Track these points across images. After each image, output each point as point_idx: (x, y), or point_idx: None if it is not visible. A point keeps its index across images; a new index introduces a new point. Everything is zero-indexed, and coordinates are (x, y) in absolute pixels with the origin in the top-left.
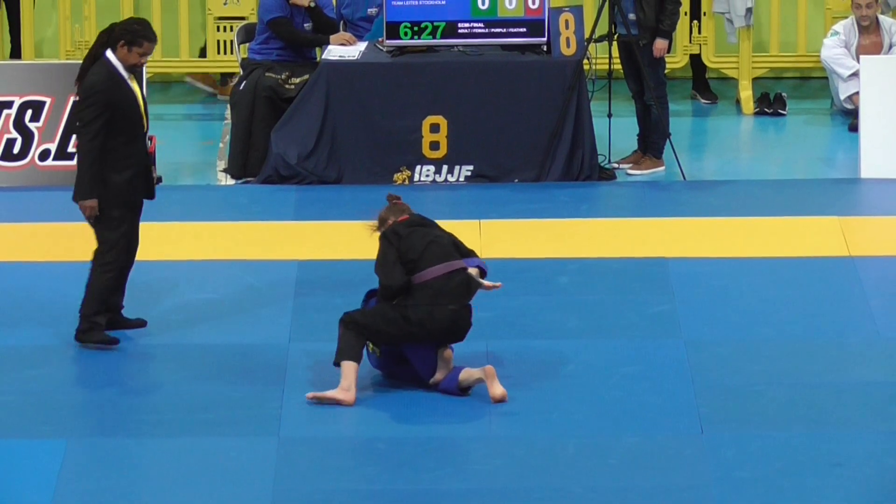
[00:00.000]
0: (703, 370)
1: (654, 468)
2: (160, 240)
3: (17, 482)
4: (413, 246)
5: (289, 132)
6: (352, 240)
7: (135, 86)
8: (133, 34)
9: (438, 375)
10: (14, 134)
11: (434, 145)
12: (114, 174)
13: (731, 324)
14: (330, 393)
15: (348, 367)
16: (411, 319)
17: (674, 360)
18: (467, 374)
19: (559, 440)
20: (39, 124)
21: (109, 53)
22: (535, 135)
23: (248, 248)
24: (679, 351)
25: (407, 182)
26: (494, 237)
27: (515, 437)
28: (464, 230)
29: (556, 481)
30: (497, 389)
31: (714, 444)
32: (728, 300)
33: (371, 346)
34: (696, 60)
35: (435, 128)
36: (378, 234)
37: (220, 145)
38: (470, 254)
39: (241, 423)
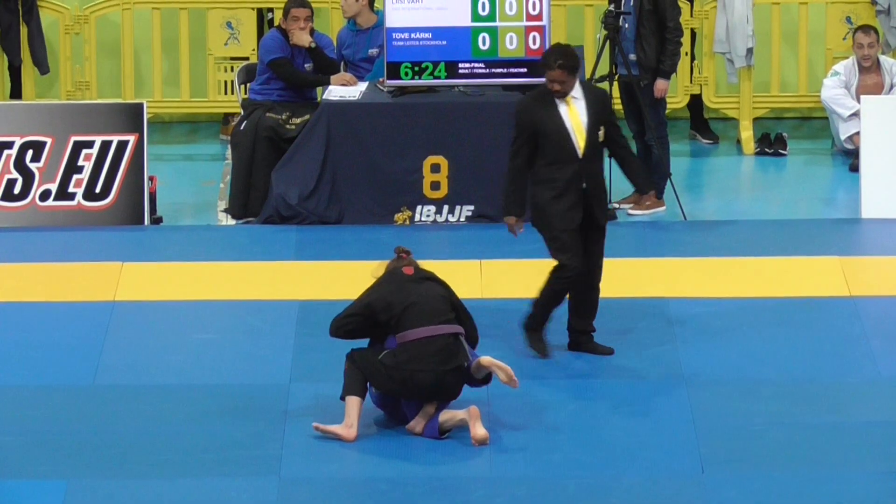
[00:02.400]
0: (704, 410)
1: None
2: (159, 280)
3: None
4: (399, 300)
5: (289, 172)
6: (353, 280)
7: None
8: None
9: (414, 424)
10: (15, 174)
11: (435, 185)
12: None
13: (731, 364)
14: (333, 428)
15: (352, 403)
16: (395, 378)
17: (675, 400)
18: (449, 415)
19: (560, 480)
20: (40, 164)
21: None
22: None
23: (249, 288)
24: (680, 391)
25: (408, 222)
26: (495, 277)
27: (516, 477)
28: (464, 270)
29: None
30: (479, 431)
31: (715, 484)
32: (729, 340)
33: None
34: (694, 100)
35: (436, 168)
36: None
37: (221, 185)
38: (465, 325)
39: (242, 463)
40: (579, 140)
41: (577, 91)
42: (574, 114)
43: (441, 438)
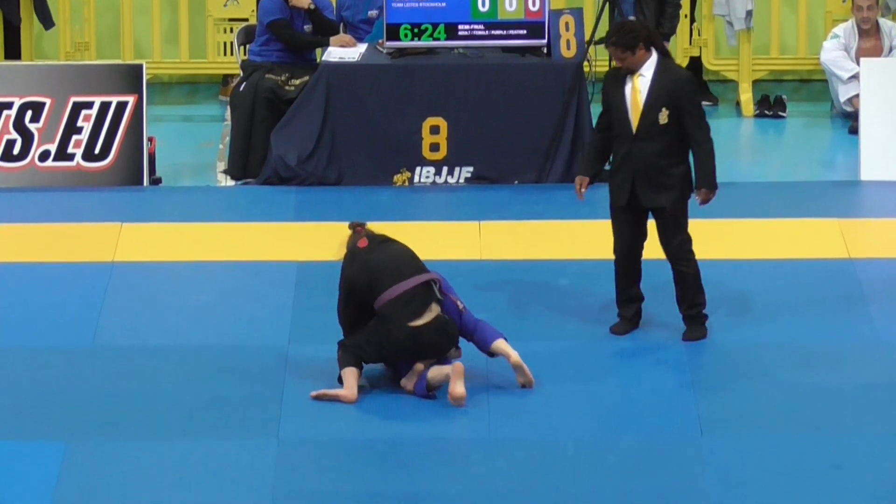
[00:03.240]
0: (703, 372)
1: (654, 470)
2: (159, 241)
3: (15, 484)
4: (365, 276)
5: (289, 134)
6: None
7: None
8: None
9: (406, 381)
10: (14, 135)
11: (434, 147)
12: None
13: (730, 326)
14: (333, 391)
15: (349, 372)
16: (377, 344)
17: (673, 362)
18: (436, 371)
19: (558, 442)
20: (39, 125)
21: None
22: (536, 137)
23: (248, 249)
24: (678, 353)
25: (407, 184)
26: (494, 239)
27: (514, 438)
28: (464, 232)
29: (555, 483)
30: (457, 389)
31: (713, 446)
32: (727, 302)
33: None
34: (693, 62)
35: (435, 129)
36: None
37: (220, 147)
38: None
39: (240, 424)
40: (634, 118)
41: (648, 69)
42: (636, 91)
43: (429, 396)
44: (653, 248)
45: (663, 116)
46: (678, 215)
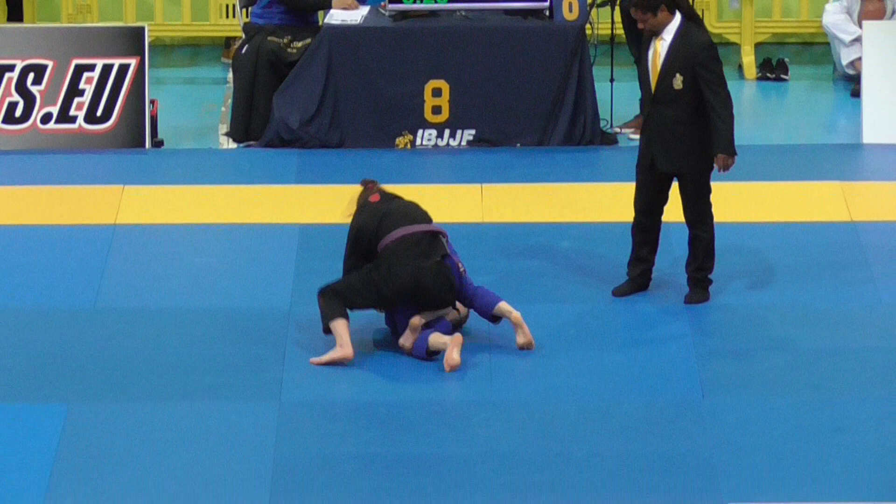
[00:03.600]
0: (705, 335)
1: (655, 433)
2: (160, 203)
3: (18, 446)
4: (373, 218)
5: (291, 96)
6: (353, 204)
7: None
8: None
9: (404, 339)
10: (16, 97)
11: (436, 110)
12: None
13: (732, 288)
14: (328, 355)
15: (339, 325)
16: (374, 282)
17: (675, 325)
18: (437, 338)
19: (560, 405)
20: (41, 87)
21: None
22: (538, 100)
23: (250, 211)
24: (681, 316)
25: (409, 146)
26: (496, 202)
27: (516, 401)
28: (465, 194)
29: (556, 446)
30: (454, 357)
31: (715, 409)
32: (729, 264)
33: None
34: None
35: (437, 92)
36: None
37: (223, 109)
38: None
39: (242, 387)
40: (653, 81)
41: (669, 32)
42: (656, 54)
43: (427, 358)
44: (673, 212)
45: (678, 82)
46: (697, 181)
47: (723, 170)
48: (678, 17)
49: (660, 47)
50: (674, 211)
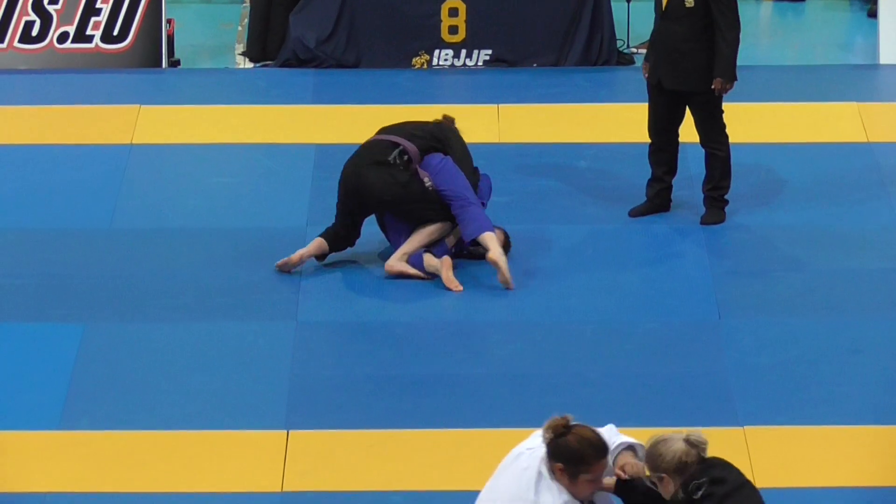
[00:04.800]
0: (721, 256)
1: (672, 354)
2: (177, 123)
3: (34, 366)
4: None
5: (307, 16)
6: (370, 124)
7: None
8: None
9: (393, 262)
10: (32, 16)
11: (452, 29)
12: None
13: (748, 209)
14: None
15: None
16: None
17: (692, 246)
18: (429, 259)
19: (577, 325)
20: (58, 7)
21: None
22: (554, 19)
23: (267, 131)
24: (697, 236)
25: (425, 66)
26: (512, 122)
27: (533, 322)
28: (482, 114)
29: (573, 366)
30: (450, 282)
31: (731, 330)
32: (746, 185)
33: None
34: None
35: (453, 12)
36: None
37: (239, 28)
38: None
39: (259, 306)
40: None
41: None
42: None
43: (424, 275)
44: (688, 132)
45: (689, 1)
46: (707, 100)
47: (719, 93)
48: None
49: None
50: (689, 131)
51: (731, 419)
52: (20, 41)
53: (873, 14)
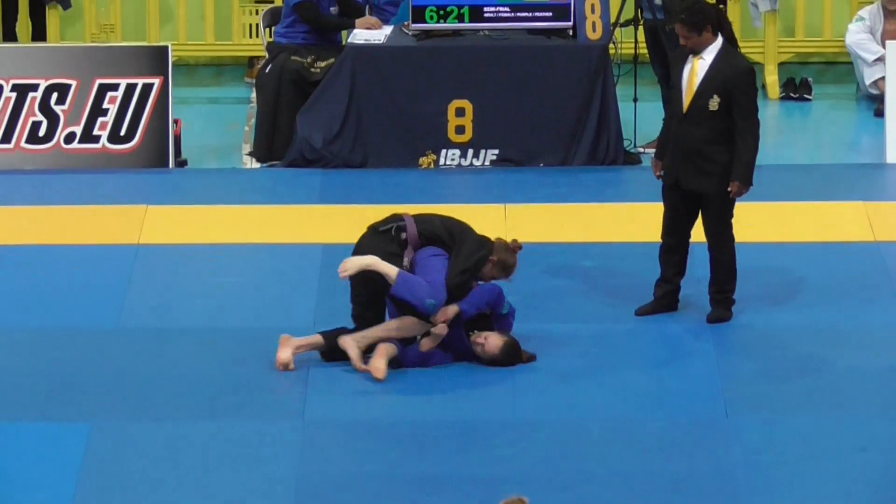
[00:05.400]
0: (729, 354)
1: (680, 452)
2: (184, 223)
3: (40, 465)
4: None
5: (314, 116)
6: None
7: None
8: None
9: (345, 338)
10: (40, 117)
11: (459, 129)
12: None
13: (755, 308)
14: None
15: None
16: None
17: (699, 345)
18: (378, 352)
19: (584, 424)
20: (65, 107)
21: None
22: (561, 119)
23: (273, 231)
24: (704, 335)
25: (432, 166)
26: (519, 221)
27: (540, 421)
28: (489, 214)
29: (580, 466)
30: (374, 364)
31: (739, 428)
32: (753, 285)
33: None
34: None
35: (460, 112)
36: None
37: (246, 128)
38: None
39: (265, 406)
40: (687, 99)
41: (710, 53)
42: (693, 73)
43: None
44: (697, 231)
45: (714, 103)
46: (721, 203)
47: (734, 196)
48: (719, 38)
49: (698, 66)
50: (696, 231)
51: None
52: (27, 141)
53: (880, 113)
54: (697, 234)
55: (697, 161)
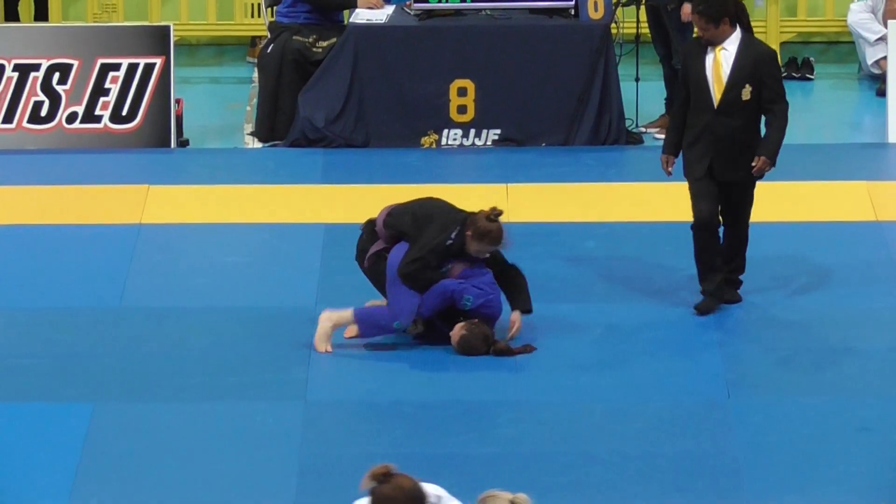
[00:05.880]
0: (730, 335)
1: (681, 433)
2: (186, 203)
3: (43, 446)
4: None
5: (316, 95)
6: (378, 203)
7: (716, 57)
8: None
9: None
10: (41, 97)
11: (461, 109)
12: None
13: (757, 289)
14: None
15: None
16: None
17: (701, 325)
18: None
19: (586, 405)
20: (67, 87)
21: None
22: (563, 99)
23: (275, 211)
24: (706, 316)
25: (434, 146)
26: (521, 201)
27: (541, 401)
28: (491, 194)
29: (582, 446)
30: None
31: (741, 409)
32: (755, 265)
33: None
34: None
35: (462, 91)
36: None
37: (248, 108)
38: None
39: (267, 386)
40: (717, 92)
41: (732, 43)
42: (718, 65)
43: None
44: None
45: (746, 92)
46: (751, 189)
47: (758, 172)
48: (738, 29)
49: (721, 58)
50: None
51: (740, 498)
52: (29, 121)
53: (882, 93)
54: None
55: (736, 152)
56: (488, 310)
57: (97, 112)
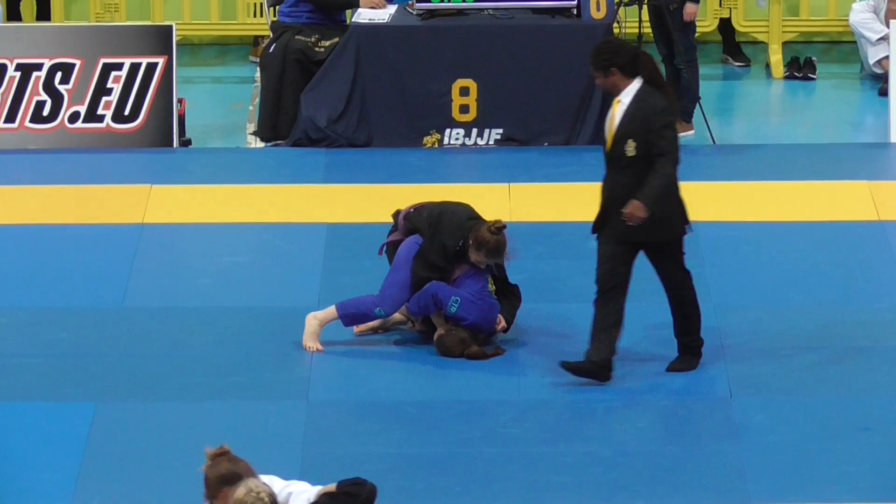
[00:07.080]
0: (733, 334)
1: (684, 432)
2: (188, 202)
3: (45, 445)
4: None
5: (318, 95)
6: (381, 203)
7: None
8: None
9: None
10: (44, 96)
11: (464, 108)
12: None
13: (760, 288)
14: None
15: None
16: None
17: (703, 325)
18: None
19: (588, 404)
20: (69, 87)
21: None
22: (565, 98)
23: (278, 211)
24: (708, 315)
25: (436, 145)
26: (524, 201)
27: (544, 400)
28: (493, 194)
29: (585, 445)
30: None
31: (743, 408)
32: (757, 264)
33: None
34: (725, 24)
35: (464, 91)
36: None
37: (250, 108)
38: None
39: (270, 386)
40: (608, 145)
41: (627, 95)
42: (612, 118)
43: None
44: (705, 212)
45: (630, 148)
46: (670, 249)
47: (628, 217)
48: (637, 80)
49: (616, 110)
50: (706, 210)
51: (743, 497)
52: (31, 121)
53: (884, 93)
54: (706, 214)
55: (619, 208)
56: (472, 316)
57: (99, 112)
